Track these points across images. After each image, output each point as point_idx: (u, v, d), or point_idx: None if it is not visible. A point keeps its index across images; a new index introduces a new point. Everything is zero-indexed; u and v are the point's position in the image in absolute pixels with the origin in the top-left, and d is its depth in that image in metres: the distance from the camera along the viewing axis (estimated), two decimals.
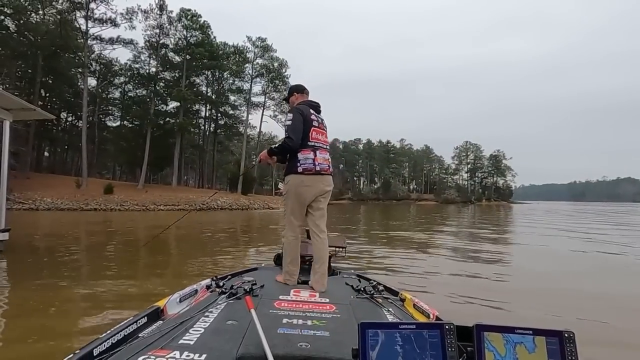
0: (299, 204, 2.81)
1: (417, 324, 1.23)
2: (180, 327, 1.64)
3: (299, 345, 1.49)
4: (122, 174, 61.88)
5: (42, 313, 3.75)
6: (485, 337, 1.19)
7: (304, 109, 2.83)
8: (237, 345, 1.45)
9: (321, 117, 2.97)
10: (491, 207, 64.35)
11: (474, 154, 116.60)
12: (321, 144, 2.85)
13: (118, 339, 1.54)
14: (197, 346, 1.43)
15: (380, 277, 4.02)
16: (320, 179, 2.79)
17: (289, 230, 2.84)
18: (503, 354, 1.16)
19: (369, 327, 1.18)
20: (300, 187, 2.76)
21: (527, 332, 1.17)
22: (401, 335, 1.18)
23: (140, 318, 1.76)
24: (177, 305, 2.09)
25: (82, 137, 36.94)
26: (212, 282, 2.50)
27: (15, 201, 30.12)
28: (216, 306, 1.97)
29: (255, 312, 1.68)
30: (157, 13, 39.73)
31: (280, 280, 2.76)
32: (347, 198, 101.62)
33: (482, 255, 8.17)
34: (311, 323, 1.78)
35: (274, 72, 48.25)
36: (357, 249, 8.73)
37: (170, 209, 31.80)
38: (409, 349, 1.16)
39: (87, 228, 15.18)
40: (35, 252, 7.97)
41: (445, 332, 1.19)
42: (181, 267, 6.62)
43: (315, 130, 2.81)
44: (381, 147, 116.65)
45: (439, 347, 1.17)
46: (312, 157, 2.75)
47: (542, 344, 1.16)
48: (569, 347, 1.15)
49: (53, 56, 40.13)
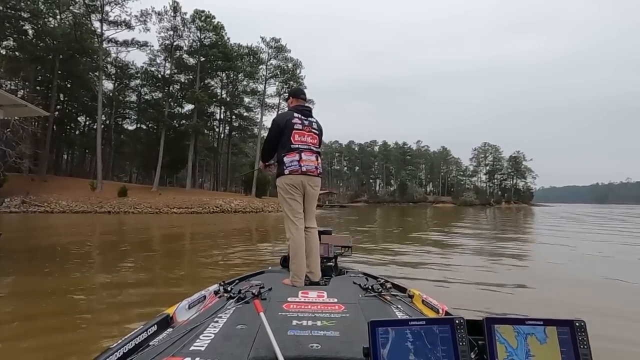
0: (293, 202, 2.92)
1: (427, 319, 1.24)
2: (191, 333, 1.63)
3: (309, 347, 1.48)
4: (138, 177, 62.25)
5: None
6: (496, 330, 1.18)
7: (282, 117, 3.00)
8: (248, 350, 1.45)
9: (310, 120, 3.05)
10: (511, 210, 62.41)
11: (493, 155, 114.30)
12: (306, 145, 2.95)
13: (129, 348, 1.52)
14: (208, 352, 1.43)
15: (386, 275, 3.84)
16: (306, 179, 2.92)
17: (291, 228, 2.90)
18: (515, 345, 1.16)
19: (379, 325, 1.19)
20: (288, 185, 2.90)
21: (538, 323, 1.17)
22: (411, 332, 1.18)
23: (150, 326, 1.74)
24: (186, 312, 2.08)
25: (97, 139, 37.01)
26: (220, 287, 2.48)
27: (31, 204, 30.27)
28: (225, 311, 1.98)
29: (265, 315, 1.69)
30: (171, 15, 39.63)
31: (288, 283, 2.75)
32: (362, 200, 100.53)
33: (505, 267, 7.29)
34: (321, 324, 1.77)
35: (288, 72, 47.69)
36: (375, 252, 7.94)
37: (184, 211, 31.49)
38: (420, 345, 1.16)
39: (81, 234, 14.75)
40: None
41: (455, 327, 1.19)
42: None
43: (298, 132, 2.93)
44: (397, 149, 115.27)
45: (450, 341, 1.17)
46: (297, 159, 2.89)
47: (554, 334, 1.16)
48: (580, 336, 1.15)
49: (70, 60, 40.48)
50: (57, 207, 30.31)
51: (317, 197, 3.08)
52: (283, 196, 2.95)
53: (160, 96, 45.29)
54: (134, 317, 3.75)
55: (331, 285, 2.79)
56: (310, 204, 3.04)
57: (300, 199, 2.95)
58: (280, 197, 2.98)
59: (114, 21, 37.28)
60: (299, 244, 2.85)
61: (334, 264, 3.39)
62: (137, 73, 45.68)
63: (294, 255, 2.83)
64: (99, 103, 36.61)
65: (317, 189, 3.04)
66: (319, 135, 3.12)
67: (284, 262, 3.35)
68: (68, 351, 2.94)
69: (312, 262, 2.89)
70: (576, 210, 53.54)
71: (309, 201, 3.03)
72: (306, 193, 2.98)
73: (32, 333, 3.32)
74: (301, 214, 2.96)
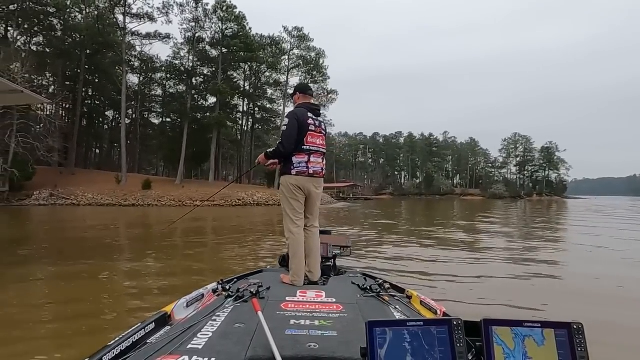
0: (296, 202, 2.87)
1: (424, 320, 1.24)
2: (188, 331, 1.61)
3: (307, 346, 1.48)
4: (164, 170, 63.02)
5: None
6: (493, 332, 1.18)
7: (301, 114, 2.89)
8: (245, 348, 1.45)
9: (319, 120, 3.01)
10: (543, 203, 59.61)
11: (524, 146, 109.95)
12: (316, 147, 2.93)
13: (127, 345, 1.53)
14: (206, 350, 1.42)
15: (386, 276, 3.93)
16: (312, 181, 2.91)
17: (291, 228, 2.88)
18: (512, 347, 1.16)
19: (376, 325, 1.19)
20: (293, 186, 2.85)
21: (536, 325, 1.17)
22: (409, 333, 1.18)
23: (148, 324, 1.75)
24: (184, 310, 2.08)
25: (122, 133, 37.38)
26: (218, 285, 2.44)
27: (59, 196, 30.80)
28: (223, 310, 1.94)
29: (263, 314, 1.68)
30: (193, 6, 39.36)
31: (287, 280, 2.74)
32: (387, 193, 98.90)
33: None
34: (319, 323, 1.76)
35: (311, 62, 46.71)
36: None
37: (206, 204, 31.34)
38: (418, 345, 1.17)
39: (93, 227, 14.46)
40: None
41: (453, 328, 1.19)
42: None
43: (311, 134, 2.89)
44: (423, 140, 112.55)
45: (448, 343, 1.17)
46: (305, 160, 2.86)
47: (551, 336, 1.16)
48: (578, 339, 1.15)
49: (96, 54, 40.94)
50: (84, 200, 30.72)
51: (320, 197, 3.07)
52: (286, 196, 2.90)
53: (184, 89, 45.35)
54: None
55: (329, 285, 2.75)
56: (314, 204, 3.02)
57: (302, 200, 2.91)
58: (282, 195, 2.94)
59: (136, 14, 37.39)
60: (299, 244, 2.83)
61: (333, 263, 3.35)
62: (161, 67, 45.83)
63: (293, 254, 2.80)
64: (123, 97, 36.86)
65: (321, 190, 3.04)
66: (325, 135, 3.08)
67: (282, 262, 3.31)
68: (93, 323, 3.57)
69: (312, 261, 2.88)
70: (613, 204, 50.55)
71: (313, 201, 3.00)
72: (310, 194, 2.95)
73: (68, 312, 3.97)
74: (302, 214, 2.92)
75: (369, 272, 3.23)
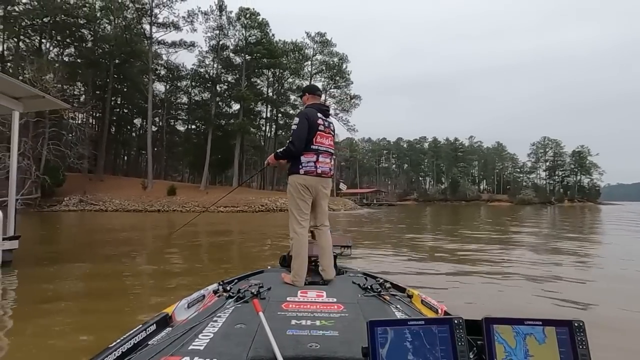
0: (303, 202, 2.86)
1: (425, 319, 1.24)
2: (190, 332, 1.62)
3: (308, 346, 1.48)
4: (190, 176, 64.02)
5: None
6: (494, 330, 1.18)
7: (311, 114, 2.90)
8: (246, 349, 1.45)
9: (328, 121, 3.03)
10: (574, 209, 57.04)
11: (553, 150, 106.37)
12: (325, 147, 2.94)
13: (128, 347, 1.52)
14: (207, 351, 1.43)
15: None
16: (319, 181, 2.91)
17: (296, 228, 2.84)
18: (513, 345, 1.16)
19: (377, 324, 1.19)
20: (301, 186, 2.85)
21: (537, 323, 1.18)
22: (410, 332, 1.19)
23: (149, 325, 1.74)
24: (185, 311, 2.07)
25: (148, 140, 38.09)
26: (219, 286, 2.44)
27: (88, 202, 31.54)
28: (224, 310, 1.96)
29: (264, 314, 1.68)
30: (217, 14, 39.96)
31: (288, 280, 2.71)
32: (412, 199, 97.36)
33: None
34: (320, 323, 1.77)
35: (334, 68, 46.56)
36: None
37: (230, 210, 31.44)
38: (419, 344, 1.17)
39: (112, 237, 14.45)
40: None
41: (454, 327, 1.19)
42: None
43: (320, 134, 2.90)
44: (448, 145, 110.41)
45: (449, 341, 1.17)
46: (314, 160, 2.87)
47: (552, 334, 1.16)
48: (579, 337, 1.15)
49: (124, 63, 42.05)
50: (111, 206, 31.33)
51: (328, 197, 3.09)
52: (293, 195, 2.89)
53: (208, 97, 46.00)
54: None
55: (330, 284, 2.75)
56: (322, 204, 3.02)
57: (309, 200, 2.90)
58: (289, 195, 2.93)
59: (162, 23, 38.23)
60: (303, 244, 2.81)
61: (334, 263, 3.30)
62: (187, 75, 46.69)
63: (296, 255, 2.79)
64: (149, 104, 37.65)
65: (329, 190, 3.06)
66: (334, 136, 3.10)
67: (283, 262, 3.30)
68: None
69: (326, 260, 2.87)
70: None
71: (321, 201, 2.99)
72: (318, 194, 2.94)
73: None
74: (307, 214, 2.91)
75: (370, 272, 3.22)
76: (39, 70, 27.97)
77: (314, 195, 2.91)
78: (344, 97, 49.94)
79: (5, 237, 6.22)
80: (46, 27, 35.53)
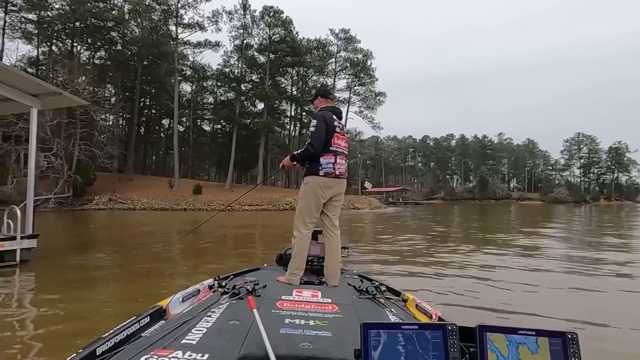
0: (316, 205, 2.85)
1: (419, 324, 1.24)
2: (183, 326, 1.62)
3: (301, 346, 1.47)
4: (216, 175, 64.84)
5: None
6: (487, 338, 1.18)
7: (327, 116, 2.91)
8: (239, 345, 1.44)
9: (342, 123, 3.04)
10: (612, 208, 54.08)
11: (588, 147, 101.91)
12: (341, 149, 2.95)
13: (121, 338, 1.53)
14: (200, 346, 1.42)
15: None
16: (337, 182, 2.90)
17: (301, 229, 2.83)
18: (506, 354, 1.16)
19: (371, 327, 1.19)
20: (320, 188, 2.82)
21: (530, 333, 1.16)
22: (403, 336, 1.18)
23: (142, 318, 1.75)
24: (179, 305, 2.07)
25: (174, 140, 38.67)
26: (215, 282, 2.43)
27: (117, 201, 32.24)
28: (218, 306, 1.95)
29: (258, 312, 1.67)
30: (241, 13, 40.07)
31: (283, 280, 2.70)
32: (439, 197, 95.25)
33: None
34: (313, 323, 1.76)
35: (359, 65, 45.90)
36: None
37: (254, 209, 31.43)
38: (411, 349, 1.17)
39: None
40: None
41: (447, 333, 1.19)
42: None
43: (336, 136, 2.91)
44: (476, 142, 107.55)
45: (442, 347, 1.17)
46: (332, 161, 2.86)
47: (545, 344, 1.15)
48: (572, 348, 1.14)
49: (151, 65, 42.86)
50: (139, 205, 31.91)
51: (342, 197, 3.04)
52: (308, 196, 2.84)
53: (233, 96, 46.31)
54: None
55: (326, 285, 2.73)
56: (337, 206, 2.98)
57: (322, 203, 2.86)
58: (305, 195, 2.87)
59: (188, 24, 38.65)
60: (305, 245, 2.81)
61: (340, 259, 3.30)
62: (212, 75, 47.14)
63: (296, 255, 2.76)
64: (175, 105, 38.17)
65: (344, 191, 3.00)
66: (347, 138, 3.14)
67: (280, 260, 3.25)
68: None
69: (333, 265, 2.81)
70: None
71: (336, 203, 2.97)
72: (335, 196, 2.92)
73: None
74: (316, 217, 2.88)
75: (366, 274, 3.17)
76: (70, 73, 28.72)
77: (330, 195, 2.88)
78: (368, 95, 49.21)
79: (24, 235, 6.15)
80: (77, 30, 36.56)
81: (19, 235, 5.99)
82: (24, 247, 6.08)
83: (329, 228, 2.94)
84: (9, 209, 6.27)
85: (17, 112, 7.79)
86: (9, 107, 6.69)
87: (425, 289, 4.75)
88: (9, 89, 6.03)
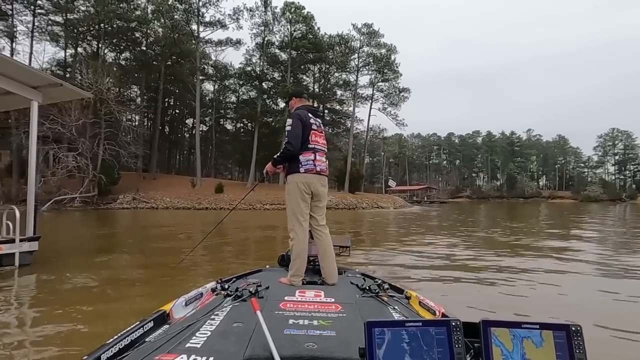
0: (304, 201, 2.84)
1: (423, 321, 1.24)
2: (187, 330, 1.62)
3: (305, 346, 1.47)
4: (239, 174, 64.97)
5: None
6: (492, 333, 1.18)
7: (303, 114, 2.92)
8: (244, 348, 1.44)
9: (319, 121, 3.04)
10: None
11: (624, 143, 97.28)
12: (320, 146, 2.96)
13: (125, 344, 1.52)
14: (204, 349, 1.42)
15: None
16: (318, 179, 2.91)
17: (296, 228, 2.82)
18: (510, 349, 1.16)
19: (375, 325, 1.19)
20: (303, 184, 2.83)
21: (534, 327, 1.17)
22: (408, 333, 1.19)
23: (146, 322, 1.74)
24: (182, 309, 2.05)
25: (196, 138, 38.73)
26: (217, 284, 2.44)
27: (140, 200, 32.43)
28: (222, 309, 1.95)
29: (261, 313, 1.68)
30: (262, 10, 39.72)
31: (285, 282, 2.70)
32: (465, 196, 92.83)
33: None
34: (317, 323, 1.75)
35: (382, 60, 44.75)
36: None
37: (276, 207, 31.02)
38: (416, 346, 1.17)
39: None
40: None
41: (452, 329, 1.19)
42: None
43: (314, 133, 2.92)
44: (504, 139, 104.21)
45: (446, 343, 1.17)
46: (312, 158, 2.87)
47: (550, 337, 1.16)
48: (576, 341, 1.14)
49: (174, 65, 43.07)
50: (162, 204, 32.00)
51: (326, 195, 3.01)
52: (294, 195, 2.85)
53: (255, 95, 46.08)
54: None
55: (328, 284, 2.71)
56: (322, 203, 2.99)
57: (309, 200, 2.89)
58: (290, 195, 2.87)
59: (209, 22, 38.54)
60: (303, 245, 2.78)
61: (334, 256, 3.18)
62: (234, 73, 47.07)
63: (296, 256, 2.74)
64: (197, 103, 38.18)
65: (326, 188, 2.99)
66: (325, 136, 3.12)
67: (282, 261, 3.22)
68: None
69: (328, 263, 2.80)
70: None
71: (321, 200, 2.97)
72: (318, 193, 2.92)
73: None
74: (308, 214, 2.89)
75: (368, 273, 3.14)
76: (95, 74, 28.98)
77: (314, 192, 2.88)
78: (392, 91, 48.03)
79: (24, 237, 5.72)
80: (102, 31, 37.02)
81: (18, 237, 5.56)
82: (23, 251, 5.65)
83: (316, 229, 2.93)
84: (8, 209, 5.86)
85: (18, 107, 7.47)
86: (9, 101, 6.30)
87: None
88: (9, 81, 5.61)
